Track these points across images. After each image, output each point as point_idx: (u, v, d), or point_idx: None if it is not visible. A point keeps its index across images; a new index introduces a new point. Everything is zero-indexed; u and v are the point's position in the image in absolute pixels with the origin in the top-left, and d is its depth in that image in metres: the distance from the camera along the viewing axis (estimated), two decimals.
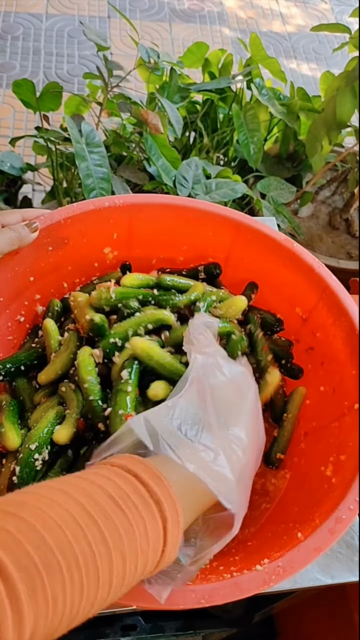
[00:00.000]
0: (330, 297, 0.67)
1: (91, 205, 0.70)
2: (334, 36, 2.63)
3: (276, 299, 0.75)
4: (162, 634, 0.78)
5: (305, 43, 2.60)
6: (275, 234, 0.71)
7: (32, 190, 1.84)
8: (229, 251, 0.76)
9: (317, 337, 0.70)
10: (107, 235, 0.75)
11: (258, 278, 0.76)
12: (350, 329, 0.64)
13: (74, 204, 0.70)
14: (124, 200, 0.71)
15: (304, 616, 0.96)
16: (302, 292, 0.70)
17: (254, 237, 0.72)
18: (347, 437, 0.59)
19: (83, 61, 2.30)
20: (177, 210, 0.73)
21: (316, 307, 0.69)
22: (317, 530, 0.50)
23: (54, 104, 1.33)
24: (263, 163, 1.56)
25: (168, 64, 1.31)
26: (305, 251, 0.70)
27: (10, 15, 2.40)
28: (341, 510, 0.51)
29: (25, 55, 2.28)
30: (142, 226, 0.75)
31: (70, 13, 2.47)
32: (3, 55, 2.26)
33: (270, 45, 2.54)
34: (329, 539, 0.49)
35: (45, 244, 0.70)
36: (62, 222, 0.69)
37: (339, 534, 0.49)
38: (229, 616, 0.84)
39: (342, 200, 1.68)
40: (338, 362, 0.65)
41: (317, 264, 0.69)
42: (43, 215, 0.68)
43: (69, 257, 0.74)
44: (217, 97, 1.49)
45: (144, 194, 0.74)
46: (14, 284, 0.69)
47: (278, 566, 0.47)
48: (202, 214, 0.73)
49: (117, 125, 1.29)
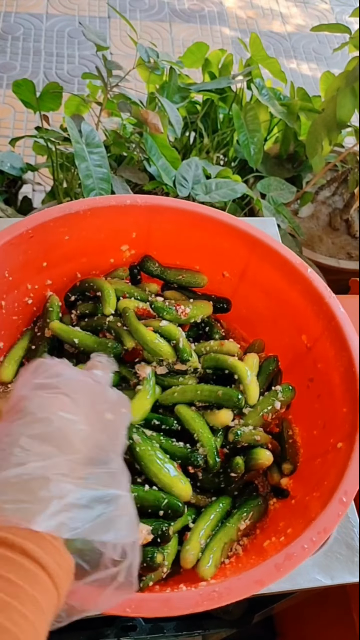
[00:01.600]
0: (335, 329, 0.65)
1: (112, 201, 0.70)
2: (334, 36, 2.63)
3: (285, 323, 0.74)
4: (162, 634, 0.78)
5: (306, 43, 2.60)
6: (291, 255, 0.70)
7: (32, 191, 1.84)
8: (244, 266, 0.75)
9: (319, 368, 0.68)
10: (126, 233, 0.75)
11: (270, 297, 0.75)
12: (348, 365, 0.62)
13: (96, 197, 0.70)
14: (145, 200, 0.71)
15: (304, 617, 0.96)
16: (310, 320, 0.69)
17: (268, 256, 0.71)
18: (325, 475, 0.58)
19: (83, 61, 2.30)
20: (196, 218, 0.73)
21: (321, 337, 0.67)
22: (263, 563, 0.48)
23: (54, 104, 1.33)
24: (263, 163, 1.56)
25: (168, 64, 1.31)
26: (318, 279, 0.68)
27: (10, 15, 2.40)
28: (294, 547, 0.49)
29: (25, 55, 2.28)
30: (162, 229, 0.74)
31: (71, 13, 2.47)
32: (3, 55, 2.26)
33: (271, 45, 2.54)
34: (274, 574, 0.47)
35: (62, 233, 0.70)
36: (81, 213, 0.69)
37: (286, 571, 0.48)
38: (229, 617, 0.84)
39: (342, 200, 1.68)
40: (333, 397, 0.64)
41: (328, 293, 0.67)
42: (63, 204, 0.68)
43: (85, 249, 0.74)
44: (217, 97, 1.49)
45: (167, 197, 0.74)
46: (25, 266, 0.69)
47: (214, 591, 0.46)
48: (221, 226, 0.72)
49: (117, 125, 1.29)
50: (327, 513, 0.51)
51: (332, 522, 0.51)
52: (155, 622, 0.78)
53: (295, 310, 0.71)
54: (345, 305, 0.69)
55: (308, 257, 1.46)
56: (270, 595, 0.68)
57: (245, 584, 0.47)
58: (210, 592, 0.46)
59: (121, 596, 0.40)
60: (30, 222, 0.66)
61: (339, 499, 0.52)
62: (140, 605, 0.44)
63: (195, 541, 0.58)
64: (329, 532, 0.50)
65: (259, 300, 0.76)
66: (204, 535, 0.59)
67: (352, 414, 0.59)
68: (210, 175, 1.23)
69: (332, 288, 0.68)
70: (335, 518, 0.51)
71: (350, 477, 0.53)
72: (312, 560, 0.64)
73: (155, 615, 0.44)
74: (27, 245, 0.67)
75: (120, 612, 0.44)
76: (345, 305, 0.69)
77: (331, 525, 0.50)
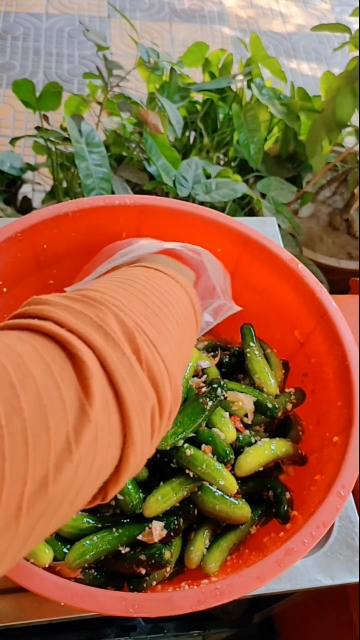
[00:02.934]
0: (327, 323, 0.65)
1: (101, 202, 0.70)
2: (334, 36, 2.63)
3: (277, 319, 0.74)
4: (162, 634, 0.78)
5: (306, 43, 2.60)
6: (281, 252, 0.70)
7: (32, 190, 1.84)
8: (236, 264, 0.75)
9: (312, 363, 0.68)
10: (116, 234, 0.74)
11: (262, 295, 0.75)
12: (341, 359, 0.62)
13: (84, 198, 0.70)
14: (134, 200, 0.71)
15: (304, 617, 0.96)
16: (302, 315, 0.69)
17: (260, 253, 0.71)
18: (320, 469, 0.58)
19: (83, 61, 2.30)
20: (187, 217, 0.72)
21: (313, 332, 0.67)
22: (264, 559, 0.48)
23: (53, 103, 1.33)
24: (263, 163, 1.56)
25: (168, 64, 1.31)
26: (309, 274, 0.68)
27: (10, 15, 2.40)
28: (293, 542, 0.49)
29: (25, 55, 2.28)
30: (152, 229, 0.74)
31: (70, 13, 2.47)
32: (3, 55, 2.26)
33: (271, 45, 2.54)
34: (274, 570, 0.47)
35: (52, 235, 0.69)
36: (70, 215, 0.68)
37: (286, 566, 0.47)
38: (229, 617, 0.84)
39: (342, 200, 1.68)
40: (327, 391, 0.64)
41: (319, 288, 0.67)
42: (51, 206, 0.68)
43: (76, 251, 0.73)
44: (217, 97, 1.49)
45: (155, 197, 0.73)
46: (15, 269, 0.69)
47: (216, 588, 0.46)
48: (211, 224, 0.72)
49: (117, 125, 1.29)
50: (325, 507, 0.51)
51: (331, 515, 0.51)
52: (155, 622, 0.78)
53: (287, 306, 0.71)
54: (345, 305, 0.68)
55: (308, 256, 1.46)
56: (271, 595, 0.68)
57: (246, 580, 0.47)
58: (212, 589, 0.46)
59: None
60: (19, 225, 0.66)
61: (337, 493, 0.52)
62: (143, 605, 0.44)
63: (200, 542, 0.58)
64: (327, 525, 0.50)
65: (250, 297, 0.76)
66: (208, 536, 0.59)
67: (347, 407, 0.59)
68: (210, 175, 1.23)
69: (332, 288, 0.68)
70: (333, 512, 0.51)
71: (347, 470, 0.53)
72: (313, 560, 0.64)
73: (158, 614, 0.44)
74: (17, 249, 0.67)
75: (123, 612, 0.44)
76: (345, 305, 0.68)
77: (330, 519, 0.50)
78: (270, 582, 0.48)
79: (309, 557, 0.63)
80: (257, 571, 0.48)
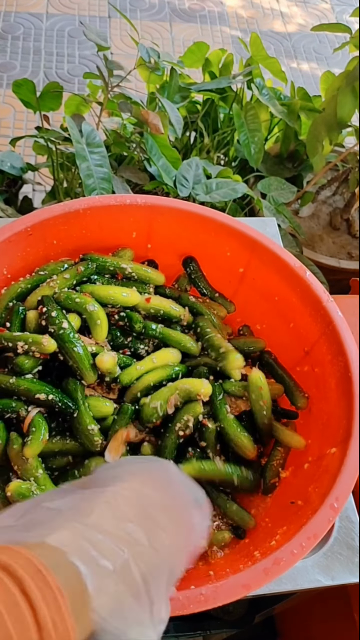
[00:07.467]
0: (332, 333, 0.64)
1: (112, 201, 0.70)
2: (335, 36, 2.63)
3: (283, 327, 0.73)
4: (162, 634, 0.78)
5: (306, 43, 2.60)
6: (290, 259, 0.69)
7: (33, 190, 1.84)
8: (245, 268, 0.75)
9: (315, 373, 0.68)
10: (126, 233, 0.75)
11: (269, 300, 0.75)
12: (344, 370, 0.62)
13: (96, 196, 0.70)
14: (146, 201, 0.71)
15: (305, 617, 0.96)
16: (308, 324, 0.68)
17: (268, 259, 0.71)
18: (318, 480, 0.58)
19: (83, 61, 2.30)
20: (197, 219, 0.72)
21: (318, 341, 0.67)
22: (252, 567, 0.48)
23: (54, 103, 1.33)
24: (264, 163, 1.56)
25: (168, 64, 1.30)
26: (317, 282, 0.68)
27: (10, 15, 2.40)
28: (283, 552, 0.49)
29: (25, 55, 2.28)
30: (162, 229, 0.74)
31: (71, 13, 2.47)
32: (3, 55, 2.26)
33: (271, 45, 2.53)
34: (261, 578, 0.47)
35: (62, 231, 0.70)
36: (80, 212, 0.69)
37: (274, 576, 0.47)
38: (230, 617, 0.84)
39: (342, 200, 1.68)
40: (328, 402, 0.64)
41: (326, 297, 0.67)
42: (63, 203, 0.68)
43: (87, 247, 0.74)
44: (218, 97, 1.49)
45: (167, 198, 0.74)
46: (24, 264, 0.69)
47: (201, 594, 0.46)
48: (220, 227, 0.72)
49: (117, 125, 1.29)
50: (317, 518, 0.51)
51: (323, 527, 0.50)
52: None
53: (294, 314, 0.71)
54: (345, 305, 0.68)
55: (308, 256, 1.46)
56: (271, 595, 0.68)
57: (232, 587, 0.47)
58: (197, 595, 0.46)
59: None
60: (29, 219, 0.66)
61: (330, 505, 0.51)
62: None
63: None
64: (318, 537, 0.50)
65: (257, 301, 0.76)
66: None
67: (347, 419, 0.58)
68: (210, 175, 1.23)
69: (333, 288, 0.68)
70: (325, 524, 0.51)
71: (342, 483, 0.53)
72: (313, 560, 0.63)
73: None
74: (26, 243, 0.67)
75: None
76: (345, 305, 0.68)
77: (321, 531, 0.50)
78: (270, 583, 0.48)
79: (309, 557, 0.63)
80: (243, 579, 0.47)
